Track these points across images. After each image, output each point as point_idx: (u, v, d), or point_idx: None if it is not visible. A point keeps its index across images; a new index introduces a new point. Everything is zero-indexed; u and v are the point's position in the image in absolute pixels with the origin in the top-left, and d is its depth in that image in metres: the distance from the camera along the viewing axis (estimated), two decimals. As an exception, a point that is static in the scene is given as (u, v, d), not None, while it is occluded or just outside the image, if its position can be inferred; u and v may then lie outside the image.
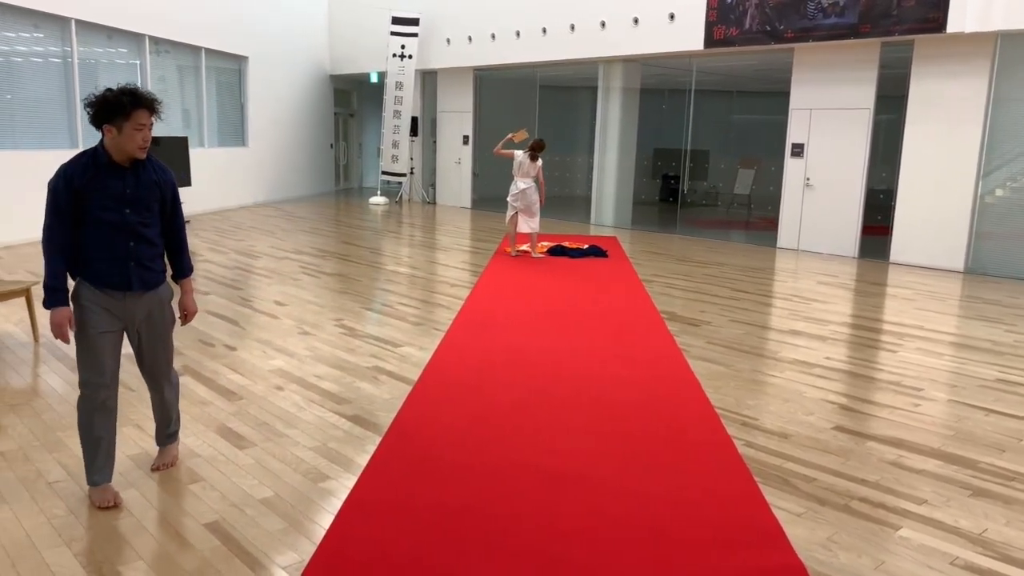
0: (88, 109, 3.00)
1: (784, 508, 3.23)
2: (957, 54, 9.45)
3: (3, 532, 2.88)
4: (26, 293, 5.47)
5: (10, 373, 4.80)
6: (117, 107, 2.95)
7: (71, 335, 3.05)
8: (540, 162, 9.59)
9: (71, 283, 3.05)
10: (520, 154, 9.62)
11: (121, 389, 4.49)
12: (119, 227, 3.02)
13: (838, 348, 5.91)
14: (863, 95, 10.43)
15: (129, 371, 4.84)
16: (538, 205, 9.66)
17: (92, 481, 3.14)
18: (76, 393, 4.33)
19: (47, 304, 2.99)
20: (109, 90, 2.99)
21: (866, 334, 6.41)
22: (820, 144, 10.97)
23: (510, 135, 9.99)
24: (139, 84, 12.05)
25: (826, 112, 10.84)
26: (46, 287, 2.98)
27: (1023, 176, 9.47)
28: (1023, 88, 9.23)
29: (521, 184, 9.59)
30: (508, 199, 9.75)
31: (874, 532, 3.06)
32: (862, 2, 9.81)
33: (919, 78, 9.85)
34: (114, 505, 3.09)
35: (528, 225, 9.63)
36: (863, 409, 4.53)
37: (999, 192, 9.62)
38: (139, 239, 3.08)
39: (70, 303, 3.04)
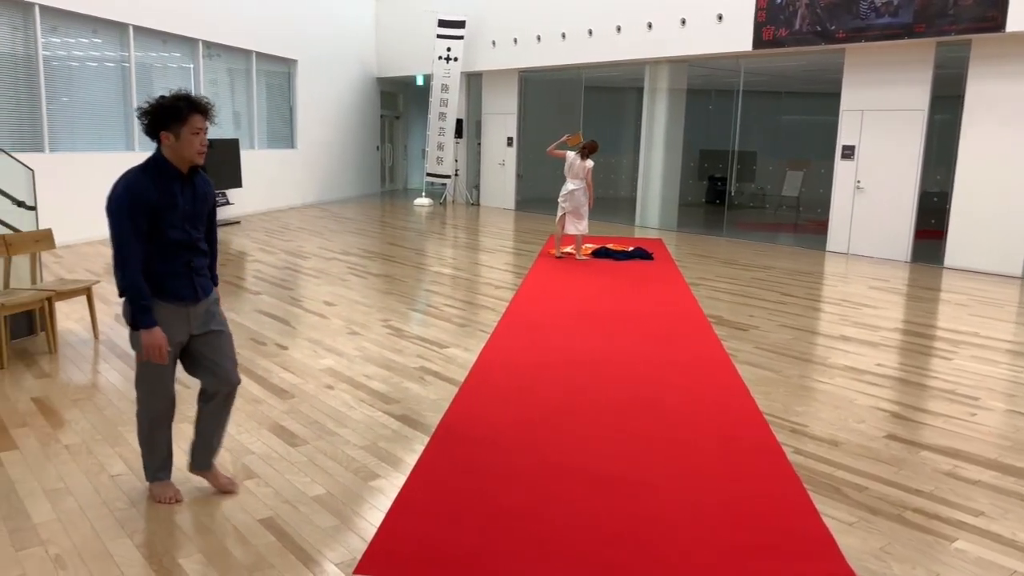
0: (143, 118, 2.98)
1: (835, 517, 3.19)
2: (1016, 54, 9.19)
3: (69, 523, 2.99)
4: (87, 292, 5.64)
5: (72, 369, 4.96)
6: (174, 112, 2.96)
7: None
8: (590, 164, 9.53)
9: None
10: (571, 154, 9.60)
11: (176, 386, 4.63)
12: (184, 244, 3.05)
13: (890, 355, 5.80)
14: (917, 96, 10.20)
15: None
16: (586, 208, 9.62)
17: (155, 477, 3.23)
18: (135, 389, 4.46)
19: (142, 324, 2.93)
20: (163, 97, 3.00)
21: (919, 340, 6.28)
22: (872, 146, 10.76)
23: (566, 137, 9.96)
24: (192, 88, 12.42)
25: (878, 113, 10.62)
26: (138, 307, 2.92)
27: (1086, 179, 9.18)
28: (1086, 88, 8.95)
29: (570, 185, 9.58)
30: (559, 199, 9.73)
31: (928, 544, 3.00)
32: (917, 1, 9.61)
33: (976, 78, 9.60)
34: (175, 501, 3.18)
35: (575, 227, 9.61)
36: (916, 418, 4.44)
37: (1060, 195, 9.33)
38: (197, 252, 3.14)
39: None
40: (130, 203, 2.86)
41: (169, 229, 2.97)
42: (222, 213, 12.62)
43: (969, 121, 9.72)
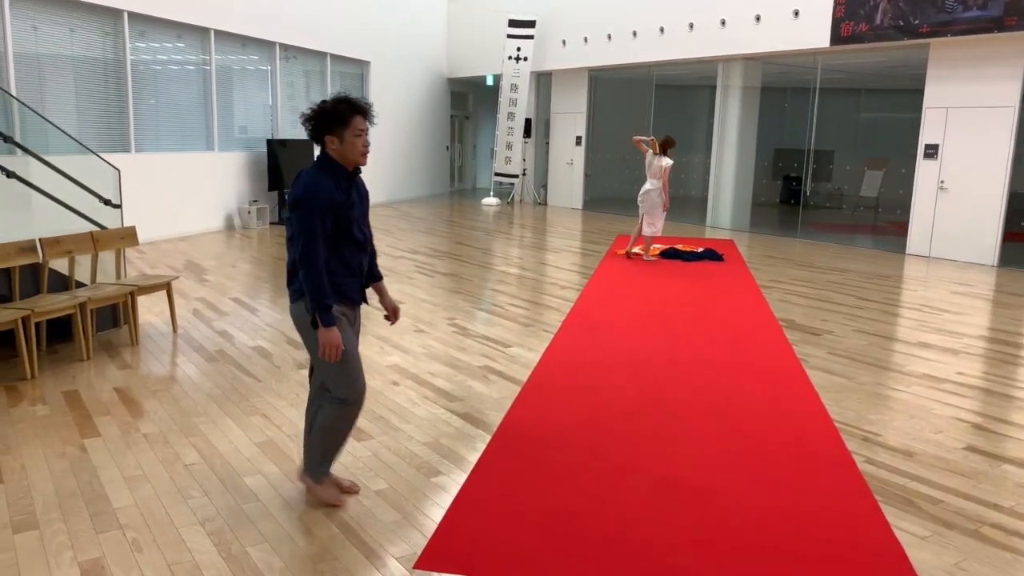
0: (307, 124, 3.01)
1: (907, 530, 3.07)
2: (1117, 46, 8.69)
3: (145, 509, 3.12)
4: (168, 287, 5.88)
5: (152, 361, 5.17)
6: (336, 116, 2.98)
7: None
8: (667, 162, 9.30)
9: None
10: (650, 153, 9.44)
11: (248, 379, 4.79)
12: (361, 244, 3.08)
13: (972, 363, 5.55)
14: (1007, 92, 9.74)
15: (257, 362, 5.14)
16: (660, 209, 9.40)
17: (325, 472, 3.23)
18: (209, 382, 4.63)
19: (324, 323, 2.89)
20: (324, 101, 3.03)
21: (1004, 349, 5.99)
22: (957, 145, 10.32)
23: (652, 138, 9.66)
24: (269, 89, 12.74)
25: (964, 111, 10.18)
26: (320, 306, 2.87)
27: None
28: None
29: (647, 185, 9.42)
30: (637, 199, 9.60)
31: (1007, 561, 2.87)
32: (1007, -8, 9.17)
33: (1072, 73, 9.12)
34: (346, 495, 3.25)
35: (649, 228, 9.46)
36: (998, 429, 4.24)
37: None
38: (366, 253, 3.17)
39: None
40: (319, 202, 2.88)
41: (352, 228, 3.01)
42: (296, 211, 12.93)
43: (1063, 118, 9.23)
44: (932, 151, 10.60)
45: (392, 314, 3.41)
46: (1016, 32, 9.27)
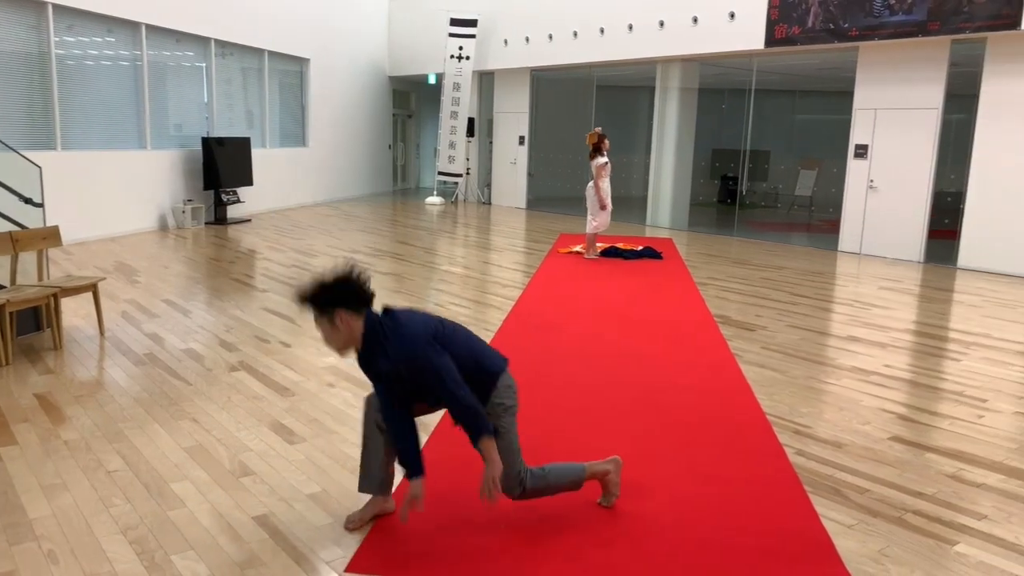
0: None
1: (834, 519, 3.15)
2: (1032, 51, 9.08)
3: (64, 519, 3.00)
4: (94, 289, 5.67)
5: (76, 365, 4.99)
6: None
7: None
8: (599, 161, 9.41)
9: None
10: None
11: (178, 383, 4.65)
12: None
13: (898, 356, 5.73)
14: (931, 95, 10.09)
15: (188, 365, 5.00)
16: (596, 207, 9.51)
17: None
18: (136, 386, 4.49)
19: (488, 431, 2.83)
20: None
21: (929, 342, 6.20)
22: (885, 145, 10.66)
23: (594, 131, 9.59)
24: (204, 86, 12.45)
25: (892, 112, 10.52)
26: (483, 415, 2.84)
27: (1103, 179, 9.04)
28: (1104, 86, 8.82)
29: (589, 183, 9.58)
30: None
31: (929, 547, 2.96)
32: (931, -2, 9.50)
33: (991, 77, 9.49)
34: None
35: (588, 225, 9.62)
36: (922, 419, 4.38)
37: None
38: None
39: None
40: (425, 339, 2.83)
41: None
42: (233, 211, 12.69)
43: (984, 120, 9.61)
44: (862, 151, 10.92)
45: None
46: (939, 36, 9.61)
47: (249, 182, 13.04)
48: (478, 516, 3.07)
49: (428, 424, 4.06)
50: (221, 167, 12.14)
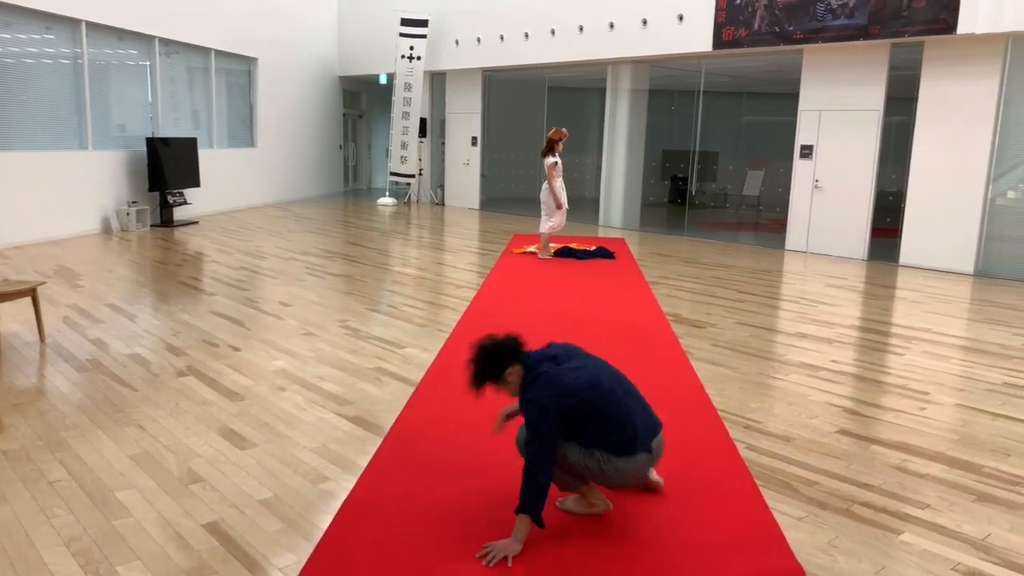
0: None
1: (785, 512, 3.21)
2: (967, 55, 9.38)
3: (2, 531, 2.89)
4: (32, 293, 5.49)
5: (15, 372, 4.82)
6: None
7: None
8: (549, 160, 9.42)
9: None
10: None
11: (124, 389, 4.53)
12: None
13: (844, 351, 5.87)
14: (873, 96, 10.37)
15: (134, 371, 4.87)
16: (552, 207, 9.53)
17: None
18: (79, 393, 4.36)
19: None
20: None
21: (873, 337, 6.37)
22: (829, 146, 10.92)
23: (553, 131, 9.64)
24: (149, 85, 12.15)
25: (835, 113, 10.78)
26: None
27: (1034, 178, 9.40)
28: (1034, 89, 9.17)
29: (544, 184, 9.65)
30: None
31: (876, 537, 3.03)
32: (872, 3, 9.76)
33: (929, 79, 9.79)
34: None
35: (543, 225, 9.66)
36: (868, 413, 4.49)
37: (1010, 194, 9.54)
38: None
39: None
40: (563, 403, 2.93)
41: None
42: (180, 213, 12.41)
43: (922, 121, 9.91)
44: (807, 152, 11.16)
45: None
46: (880, 40, 9.88)
47: (196, 183, 12.77)
48: (436, 525, 3.05)
49: (383, 427, 4.03)
50: (167, 168, 11.87)
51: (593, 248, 10.14)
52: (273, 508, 3.14)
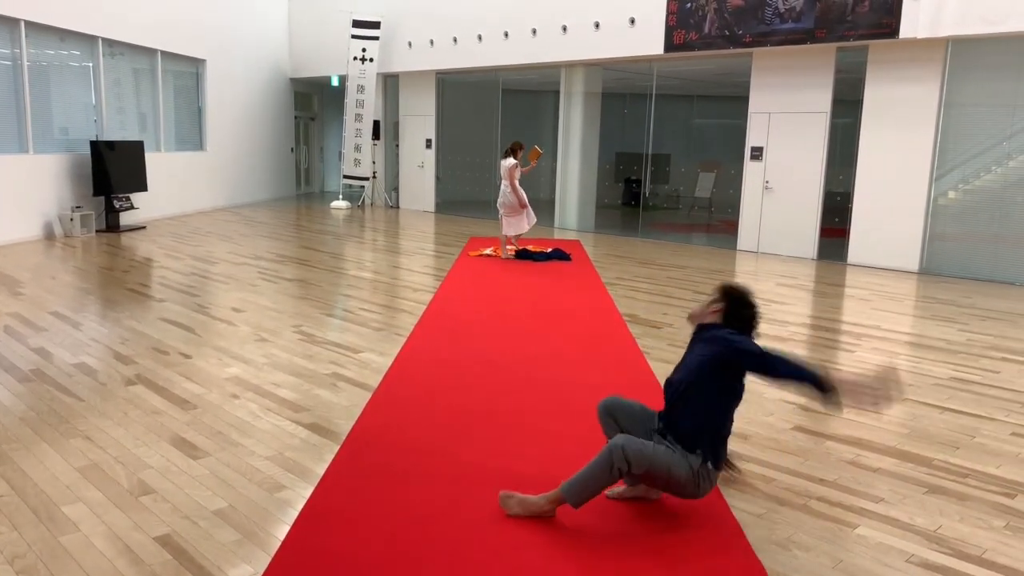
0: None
1: (744, 509, 3.24)
2: (910, 59, 9.65)
3: (-59, 551, 2.77)
4: (-29, 302, 5.29)
5: (-47, 385, 4.63)
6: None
7: None
8: (509, 162, 9.64)
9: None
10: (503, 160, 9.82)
11: (70, 399, 4.39)
12: None
13: (797, 349, 5.97)
14: (820, 99, 10.60)
15: (80, 380, 4.72)
16: (517, 208, 9.70)
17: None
18: (22, 405, 4.22)
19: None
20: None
21: (824, 335, 6.49)
22: (779, 147, 11.12)
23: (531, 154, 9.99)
24: (92, 87, 11.82)
25: (784, 116, 10.99)
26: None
27: (975, 178, 9.70)
28: (974, 92, 9.46)
29: (502, 186, 9.77)
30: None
31: (832, 531, 3.08)
32: (818, 8, 9.97)
33: (873, 82, 10.04)
34: None
35: (511, 228, 9.80)
36: (822, 409, 4.56)
37: (952, 194, 9.83)
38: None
39: None
40: None
41: None
42: (127, 218, 12.10)
43: (867, 123, 10.16)
44: (757, 153, 11.35)
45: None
46: (826, 44, 10.11)
47: (143, 187, 12.46)
48: (397, 533, 3.01)
49: (340, 434, 3.97)
50: (112, 172, 11.55)
51: (549, 250, 10.17)
52: (228, 518, 3.07)
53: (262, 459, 3.64)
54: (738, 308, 3.31)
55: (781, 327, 6.64)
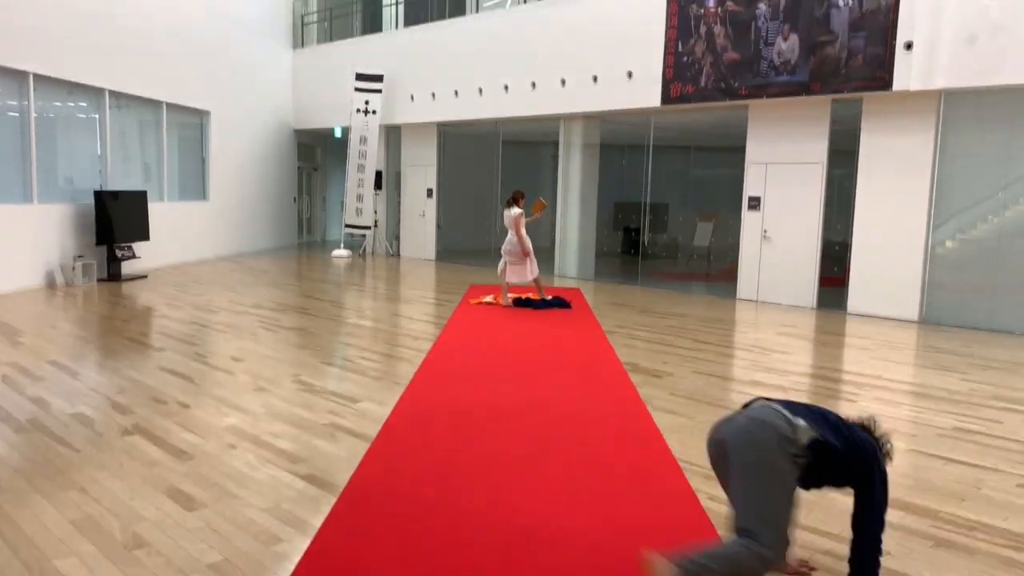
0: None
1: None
2: (904, 111, 9.80)
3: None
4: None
5: (-51, 435, 4.59)
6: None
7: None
8: (514, 212, 9.81)
9: None
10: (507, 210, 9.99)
11: (64, 449, 4.35)
12: None
13: (799, 398, 5.91)
14: (816, 149, 10.73)
15: (76, 431, 4.69)
16: (522, 256, 9.86)
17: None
18: (17, 455, 4.17)
19: None
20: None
21: (826, 384, 6.46)
22: (776, 197, 11.22)
23: (533, 207, 10.31)
24: (98, 138, 11.97)
25: (781, 166, 11.11)
26: None
27: (972, 228, 9.76)
28: (968, 142, 9.58)
29: (508, 235, 9.94)
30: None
31: (838, 586, 3.02)
32: (812, 61, 10.17)
33: (869, 133, 10.18)
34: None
35: (512, 276, 9.94)
36: (824, 460, 4.51)
37: (949, 243, 9.88)
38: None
39: None
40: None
41: None
42: (128, 267, 12.16)
43: (864, 173, 10.26)
44: (755, 203, 11.45)
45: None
46: (821, 96, 10.27)
47: (145, 237, 12.54)
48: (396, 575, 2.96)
49: (337, 485, 3.92)
50: (115, 221, 11.64)
51: (549, 298, 10.18)
52: (223, 572, 3.01)
53: (259, 511, 3.60)
54: None
55: (783, 376, 6.62)
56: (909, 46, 9.33)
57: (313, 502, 3.71)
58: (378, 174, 16.70)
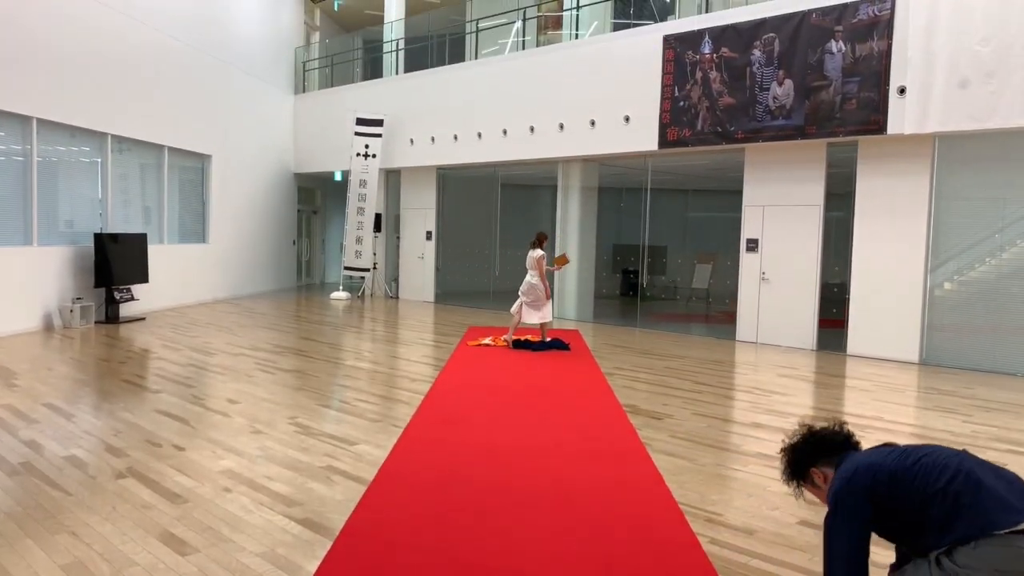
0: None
1: (751, 609, 3.12)
2: (899, 154, 9.89)
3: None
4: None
5: (-60, 478, 4.53)
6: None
7: None
8: (537, 253, 9.93)
9: None
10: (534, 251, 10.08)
11: (57, 493, 4.29)
12: None
13: (800, 440, 5.87)
14: (813, 192, 10.81)
15: (70, 474, 4.63)
16: (544, 297, 9.97)
17: None
18: (9, 499, 4.10)
19: None
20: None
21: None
22: (774, 239, 11.27)
23: (555, 260, 10.83)
24: (99, 181, 12.04)
25: (778, 208, 11.18)
26: None
27: (970, 270, 9.78)
28: (963, 185, 9.65)
29: (528, 277, 10.04)
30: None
31: (844, 632, 2.94)
32: (807, 105, 10.30)
33: (864, 176, 10.26)
34: None
35: (531, 316, 10.03)
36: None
37: (948, 285, 9.89)
38: None
39: None
40: (859, 487, 2.71)
41: None
42: (126, 309, 12.13)
43: (860, 216, 10.32)
44: (753, 245, 11.49)
45: None
46: (816, 140, 10.39)
47: (144, 279, 12.55)
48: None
49: (333, 529, 3.86)
50: (114, 264, 11.66)
51: (548, 339, 10.15)
52: (214, 620, 2.95)
53: (253, 555, 3.53)
54: (802, 462, 3.02)
55: (784, 419, 6.56)
56: (902, 91, 9.47)
57: (308, 546, 3.65)
58: (377, 217, 16.79)
